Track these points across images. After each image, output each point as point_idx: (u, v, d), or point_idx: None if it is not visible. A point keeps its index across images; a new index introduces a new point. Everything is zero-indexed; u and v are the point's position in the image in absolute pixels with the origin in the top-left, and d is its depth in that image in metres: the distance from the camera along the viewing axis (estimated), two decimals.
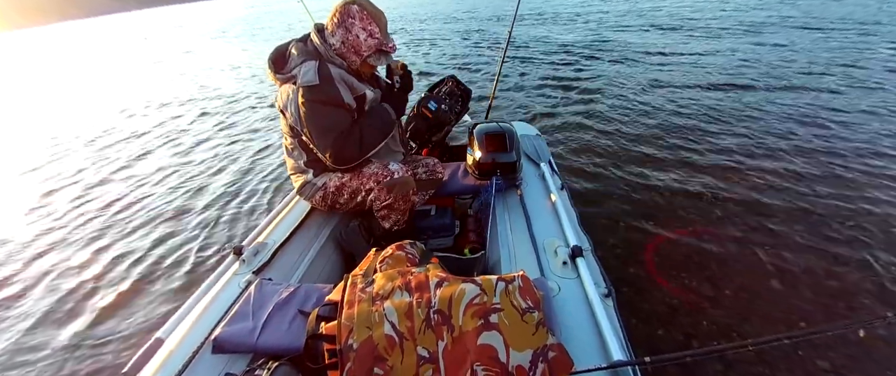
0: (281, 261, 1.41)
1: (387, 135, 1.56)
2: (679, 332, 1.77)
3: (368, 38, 1.42)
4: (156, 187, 3.76)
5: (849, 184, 2.68)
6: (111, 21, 68.69)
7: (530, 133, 2.28)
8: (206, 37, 19.49)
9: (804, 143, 3.24)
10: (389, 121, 1.57)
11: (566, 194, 1.68)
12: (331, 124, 1.41)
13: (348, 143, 1.44)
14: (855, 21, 7.43)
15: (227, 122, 5.60)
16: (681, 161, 3.16)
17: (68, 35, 39.31)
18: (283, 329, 1.04)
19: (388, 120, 1.57)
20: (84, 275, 2.59)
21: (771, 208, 2.50)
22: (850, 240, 2.19)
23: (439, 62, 7.99)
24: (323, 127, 1.41)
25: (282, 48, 1.51)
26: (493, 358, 0.78)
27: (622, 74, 5.72)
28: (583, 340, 0.96)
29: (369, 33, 1.42)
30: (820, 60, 5.37)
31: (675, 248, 2.27)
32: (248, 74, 8.94)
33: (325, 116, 1.41)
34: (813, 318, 1.79)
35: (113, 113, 6.83)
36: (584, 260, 1.20)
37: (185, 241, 2.83)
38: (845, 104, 3.92)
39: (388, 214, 1.57)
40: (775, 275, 2.02)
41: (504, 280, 0.92)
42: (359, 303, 0.90)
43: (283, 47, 1.51)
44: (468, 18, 14.13)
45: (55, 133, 6.00)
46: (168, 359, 1.02)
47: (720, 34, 7.67)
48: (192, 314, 1.17)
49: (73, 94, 9.36)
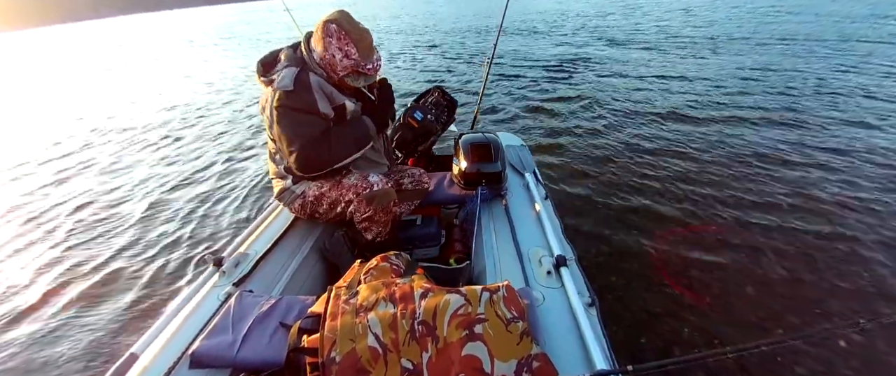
0: (262, 273, 1.38)
1: (360, 148, 1.52)
2: (660, 340, 1.80)
3: (344, 58, 1.40)
4: (133, 193, 3.66)
5: (827, 191, 2.78)
6: (91, 26, 67.33)
7: (515, 143, 2.31)
8: (187, 43, 19.25)
9: (780, 151, 3.37)
10: (365, 134, 1.53)
11: (550, 204, 1.70)
12: (299, 131, 1.40)
13: (314, 152, 1.42)
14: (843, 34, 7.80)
15: (210, 128, 5.52)
16: (663, 171, 3.24)
17: (50, 39, 38.33)
18: (264, 342, 1.02)
19: (363, 133, 1.53)
20: (53, 286, 2.48)
21: (749, 217, 2.57)
22: (826, 247, 2.27)
23: (425, 73, 8.05)
24: (290, 133, 1.40)
25: (274, 52, 1.52)
26: (478, 369, 0.78)
27: (606, 85, 5.87)
28: (567, 350, 0.96)
29: (345, 54, 1.39)
30: (806, 69, 5.65)
31: (657, 256, 2.31)
32: (233, 80, 8.84)
33: (294, 123, 1.40)
34: (790, 324, 1.84)
35: (92, 117, 6.64)
36: (567, 269, 1.21)
37: (162, 251, 2.75)
38: (824, 110, 4.12)
39: (369, 226, 1.55)
40: (753, 281, 2.08)
41: (489, 290, 0.92)
42: (342, 315, 0.89)
43: (276, 51, 1.52)
44: (454, 31, 14.31)
45: (28, 137, 5.80)
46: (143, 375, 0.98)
47: (705, 45, 7.96)
48: (169, 328, 1.13)
49: (53, 98, 9.08)
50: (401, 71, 8.50)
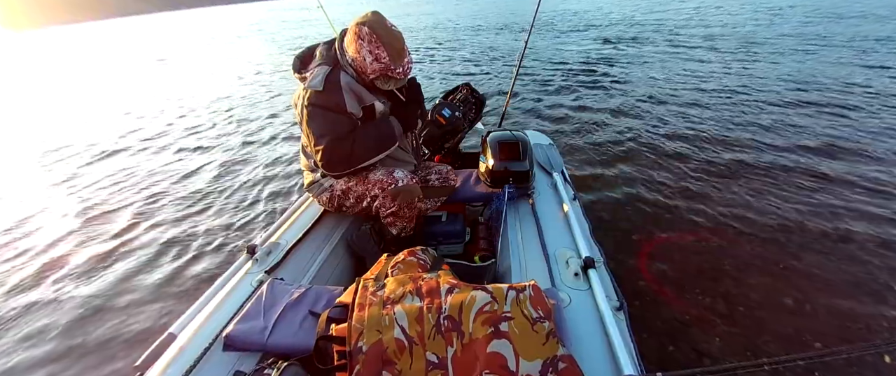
0: (293, 262, 1.43)
1: (383, 150, 1.52)
2: (690, 348, 1.74)
3: (374, 61, 1.40)
4: (172, 186, 3.83)
5: (874, 200, 2.61)
6: (136, 22, 70.82)
7: (543, 142, 2.28)
8: (229, 40, 19.93)
9: (826, 157, 3.18)
10: (389, 135, 1.53)
11: (578, 205, 1.67)
12: (325, 130, 1.43)
13: (338, 151, 1.44)
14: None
15: (247, 122, 5.70)
16: (696, 174, 3.12)
17: (96, 34, 40.59)
18: (294, 329, 1.05)
19: (387, 134, 1.53)
20: (97, 271, 2.64)
21: (790, 225, 2.45)
22: (871, 259, 2.13)
23: (455, 69, 8.04)
24: (318, 131, 1.43)
25: (311, 48, 1.56)
26: (503, 367, 0.78)
27: (639, 85, 5.69)
28: (593, 353, 0.95)
29: (376, 57, 1.40)
30: (844, 70, 5.29)
31: (689, 262, 2.23)
32: (269, 75, 9.10)
33: (322, 121, 1.43)
34: (828, 339, 1.74)
35: (131, 113, 6.99)
36: (596, 271, 1.19)
37: (198, 239, 2.87)
38: (867, 114, 3.85)
39: (394, 221, 1.58)
40: (791, 293, 1.97)
41: (515, 288, 0.92)
42: (369, 307, 0.91)
43: (312, 47, 1.56)
44: (485, 28, 14.22)
45: (71, 132, 6.16)
46: (179, 355, 1.03)
47: (738, 45, 7.60)
48: (204, 311, 1.18)
49: (96, 94, 9.62)
50: (430, 66, 8.52)
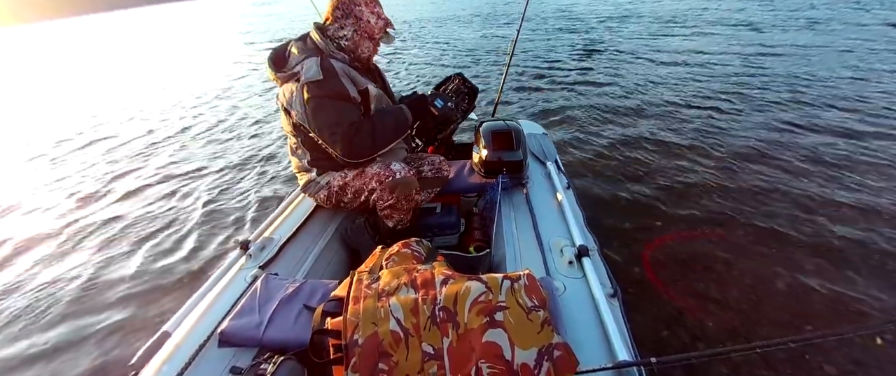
0: (287, 257, 1.42)
1: (401, 133, 1.56)
2: (685, 333, 1.76)
3: (378, 19, 1.48)
4: (162, 182, 3.79)
5: (860, 185, 2.65)
6: (95, 20, 69.30)
7: (537, 132, 2.28)
8: (201, 36, 19.59)
9: (814, 145, 3.21)
10: (404, 122, 1.57)
11: (572, 193, 1.67)
12: (339, 118, 1.40)
13: (360, 137, 1.42)
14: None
15: (233, 119, 5.63)
16: (689, 162, 3.14)
17: (64, 32, 39.70)
18: (289, 323, 1.05)
19: (403, 120, 1.56)
20: (89, 268, 2.61)
21: (779, 210, 2.48)
22: (860, 243, 2.16)
23: (446, 59, 7.99)
24: (331, 121, 1.40)
25: (281, 48, 1.52)
26: (499, 356, 0.78)
27: (631, 74, 5.69)
28: (588, 340, 0.96)
29: (377, 15, 1.47)
30: (835, 62, 5.31)
31: (682, 249, 2.26)
32: (248, 71, 8.97)
33: (332, 110, 1.40)
34: (820, 322, 1.77)
35: (112, 110, 6.88)
36: (589, 259, 1.20)
37: (191, 235, 2.85)
38: (856, 104, 3.88)
39: (391, 214, 1.57)
40: (782, 277, 2.00)
41: (510, 278, 0.92)
42: (364, 299, 0.90)
43: (283, 47, 1.52)
44: (476, 18, 14.10)
45: (56, 128, 6.06)
46: (174, 352, 1.02)
47: (733, 36, 7.58)
48: (198, 307, 1.18)
49: (75, 91, 9.44)
50: (422, 57, 8.45)
